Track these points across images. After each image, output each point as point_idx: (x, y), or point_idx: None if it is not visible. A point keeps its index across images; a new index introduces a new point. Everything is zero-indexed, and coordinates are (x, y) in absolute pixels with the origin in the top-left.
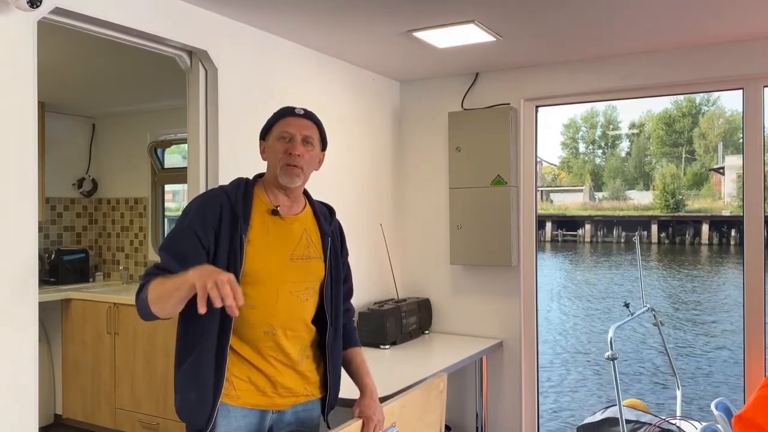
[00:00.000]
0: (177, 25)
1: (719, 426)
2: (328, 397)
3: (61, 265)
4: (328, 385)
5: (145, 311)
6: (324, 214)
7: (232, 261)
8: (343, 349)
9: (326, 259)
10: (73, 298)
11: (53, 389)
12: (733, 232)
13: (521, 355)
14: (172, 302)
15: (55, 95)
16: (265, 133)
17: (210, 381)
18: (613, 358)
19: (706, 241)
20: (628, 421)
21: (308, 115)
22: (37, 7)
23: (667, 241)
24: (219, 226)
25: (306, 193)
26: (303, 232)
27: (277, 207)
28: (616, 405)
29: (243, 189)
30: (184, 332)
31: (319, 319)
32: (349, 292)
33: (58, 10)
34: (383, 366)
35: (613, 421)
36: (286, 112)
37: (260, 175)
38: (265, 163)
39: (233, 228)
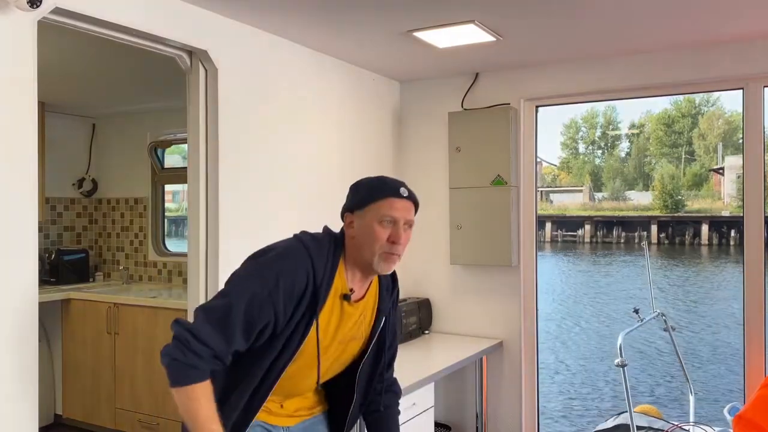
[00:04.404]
0: (177, 25)
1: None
2: None
3: (61, 265)
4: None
5: (176, 383)
6: (387, 286)
7: (292, 340)
8: None
9: (371, 339)
10: (73, 298)
11: (53, 389)
12: (732, 233)
13: (521, 355)
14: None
15: (55, 95)
16: (359, 206)
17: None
18: (622, 365)
19: (706, 242)
20: (639, 428)
21: (411, 197)
22: (37, 7)
23: (666, 242)
24: (299, 303)
25: None
26: (360, 315)
27: (351, 291)
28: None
29: (330, 265)
30: (220, 378)
31: (337, 379)
32: (392, 358)
33: (58, 10)
34: None
35: (625, 428)
36: (391, 192)
37: (342, 239)
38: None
39: (310, 309)
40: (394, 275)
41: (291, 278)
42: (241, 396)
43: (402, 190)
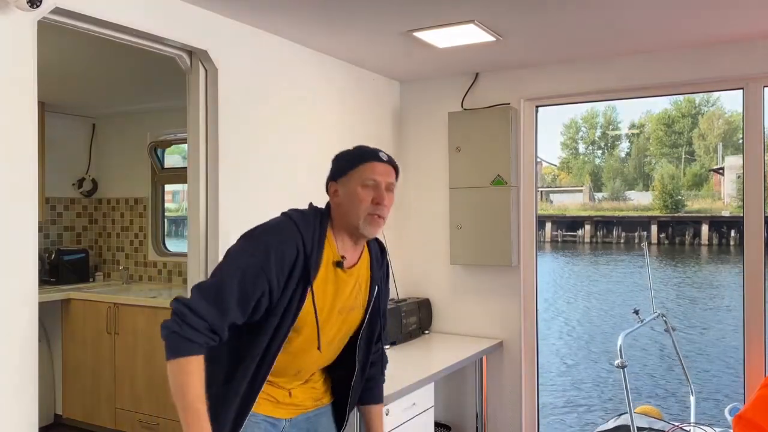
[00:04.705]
0: (177, 25)
1: None
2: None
3: (61, 265)
4: (345, 418)
5: (172, 355)
6: (376, 255)
7: (290, 310)
8: (367, 402)
9: (368, 308)
10: (73, 298)
11: (53, 389)
12: (732, 233)
13: (521, 355)
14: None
15: (55, 95)
16: (340, 175)
17: (230, 418)
18: (622, 366)
19: (706, 242)
20: (640, 429)
21: (391, 161)
22: (37, 7)
23: (666, 242)
24: (291, 273)
25: None
26: (356, 283)
27: (342, 258)
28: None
29: (318, 235)
30: (215, 361)
31: (340, 354)
32: (383, 329)
33: (58, 10)
34: None
35: (626, 429)
36: (371, 156)
37: (328, 211)
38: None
39: (302, 279)
40: (382, 245)
41: (281, 249)
42: (246, 370)
43: (381, 154)
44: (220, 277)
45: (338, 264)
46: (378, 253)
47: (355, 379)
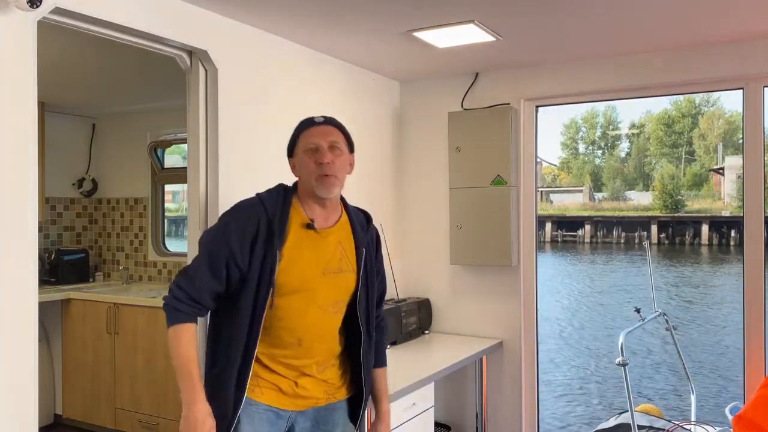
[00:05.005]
0: (177, 25)
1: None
2: (363, 405)
3: (61, 265)
4: (364, 393)
5: (168, 323)
6: (360, 223)
7: (264, 276)
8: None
9: (359, 272)
10: (73, 298)
11: (53, 389)
12: (732, 233)
13: (521, 355)
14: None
15: (55, 95)
16: (291, 150)
17: (231, 395)
18: (623, 364)
19: (706, 242)
20: (640, 427)
21: (329, 121)
22: (37, 7)
23: (666, 242)
24: (255, 241)
25: (342, 200)
26: (338, 245)
27: (312, 221)
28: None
29: (281, 202)
30: (213, 341)
31: (347, 327)
32: (382, 296)
33: (58, 10)
34: None
35: (626, 427)
36: (306, 124)
37: (295, 186)
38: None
39: (268, 243)
40: (367, 215)
41: (242, 220)
42: (239, 341)
43: (316, 118)
44: (197, 255)
45: (309, 226)
46: (363, 221)
47: (363, 345)
